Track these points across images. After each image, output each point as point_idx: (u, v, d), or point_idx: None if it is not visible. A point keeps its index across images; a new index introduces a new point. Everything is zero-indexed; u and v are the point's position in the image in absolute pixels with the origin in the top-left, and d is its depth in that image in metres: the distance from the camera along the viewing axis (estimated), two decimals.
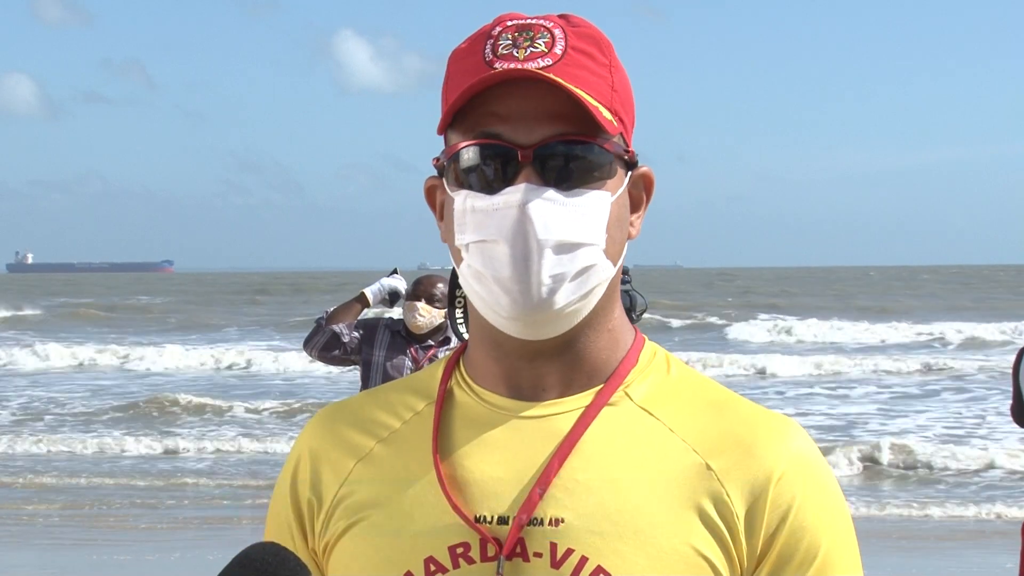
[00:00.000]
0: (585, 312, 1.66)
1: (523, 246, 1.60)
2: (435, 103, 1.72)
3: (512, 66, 1.63)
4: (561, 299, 1.62)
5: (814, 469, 1.68)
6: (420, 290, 7.78)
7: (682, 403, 1.70)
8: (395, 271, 8.44)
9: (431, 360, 7.62)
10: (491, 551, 1.63)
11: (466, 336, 1.85)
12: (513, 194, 1.61)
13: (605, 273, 1.65)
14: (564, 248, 1.61)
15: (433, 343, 7.81)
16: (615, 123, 1.65)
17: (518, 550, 1.63)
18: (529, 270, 1.61)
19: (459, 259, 1.68)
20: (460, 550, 1.64)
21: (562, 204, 1.62)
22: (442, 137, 1.71)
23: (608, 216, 1.65)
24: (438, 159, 1.71)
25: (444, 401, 1.73)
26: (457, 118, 1.66)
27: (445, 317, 7.72)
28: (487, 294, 1.64)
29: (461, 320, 5.12)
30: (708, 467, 1.65)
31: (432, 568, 1.64)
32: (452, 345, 7.73)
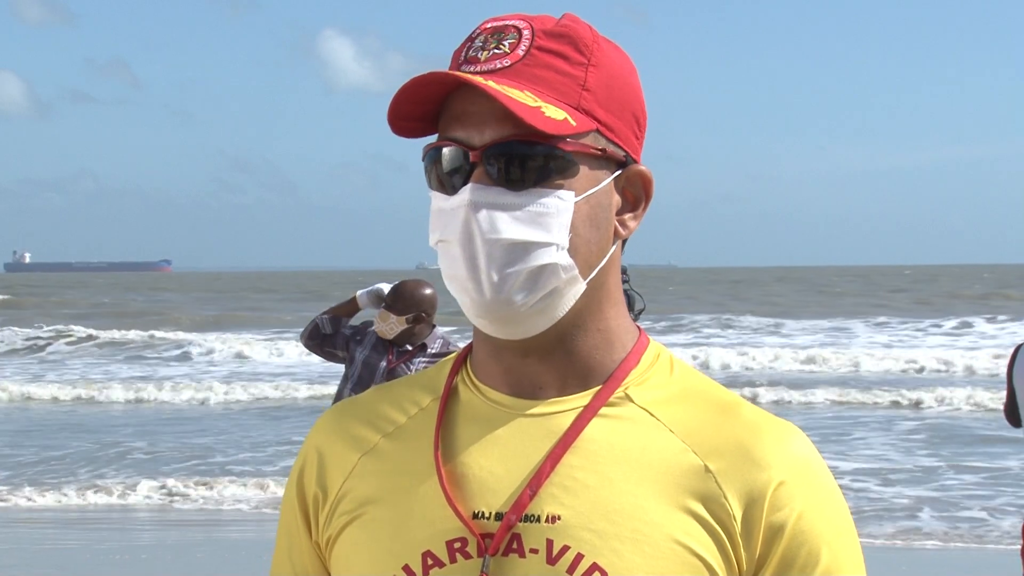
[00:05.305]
0: (558, 311, 1.66)
1: (470, 246, 1.63)
2: None
3: (473, 68, 1.64)
4: (518, 298, 1.63)
5: (815, 475, 1.68)
6: (387, 297, 8.04)
7: (684, 405, 1.70)
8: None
9: (404, 365, 7.88)
10: (488, 546, 1.64)
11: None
12: (463, 194, 1.63)
13: (567, 272, 1.65)
14: (515, 247, 1.62)
15: (411, 347, 7.98)
16: (572, 122, 1.63)
17: (514, 546, 1.64)
18: (477, 269, 1.63)
19: None
20: (457, 545, 1.65)
21: (511, 204, 1.63)
22: None
23: (572, 215, 1.65)
24: None
25: (449, 397, 1.74)
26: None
27: (406, 323, 7.88)
28: (455, 293, 1.67)
29: None
30: (707, 469, 1.65)
31: (429, 562, 1.65)
32: (434, 350, 7.93)
